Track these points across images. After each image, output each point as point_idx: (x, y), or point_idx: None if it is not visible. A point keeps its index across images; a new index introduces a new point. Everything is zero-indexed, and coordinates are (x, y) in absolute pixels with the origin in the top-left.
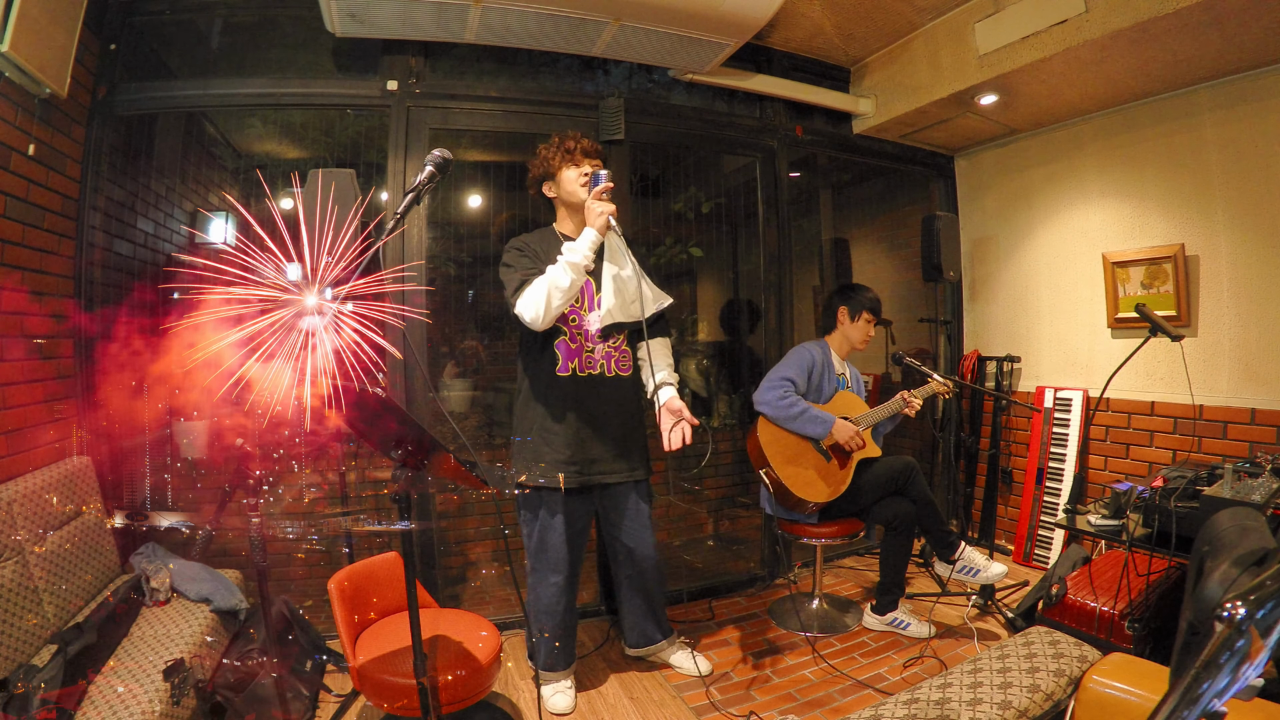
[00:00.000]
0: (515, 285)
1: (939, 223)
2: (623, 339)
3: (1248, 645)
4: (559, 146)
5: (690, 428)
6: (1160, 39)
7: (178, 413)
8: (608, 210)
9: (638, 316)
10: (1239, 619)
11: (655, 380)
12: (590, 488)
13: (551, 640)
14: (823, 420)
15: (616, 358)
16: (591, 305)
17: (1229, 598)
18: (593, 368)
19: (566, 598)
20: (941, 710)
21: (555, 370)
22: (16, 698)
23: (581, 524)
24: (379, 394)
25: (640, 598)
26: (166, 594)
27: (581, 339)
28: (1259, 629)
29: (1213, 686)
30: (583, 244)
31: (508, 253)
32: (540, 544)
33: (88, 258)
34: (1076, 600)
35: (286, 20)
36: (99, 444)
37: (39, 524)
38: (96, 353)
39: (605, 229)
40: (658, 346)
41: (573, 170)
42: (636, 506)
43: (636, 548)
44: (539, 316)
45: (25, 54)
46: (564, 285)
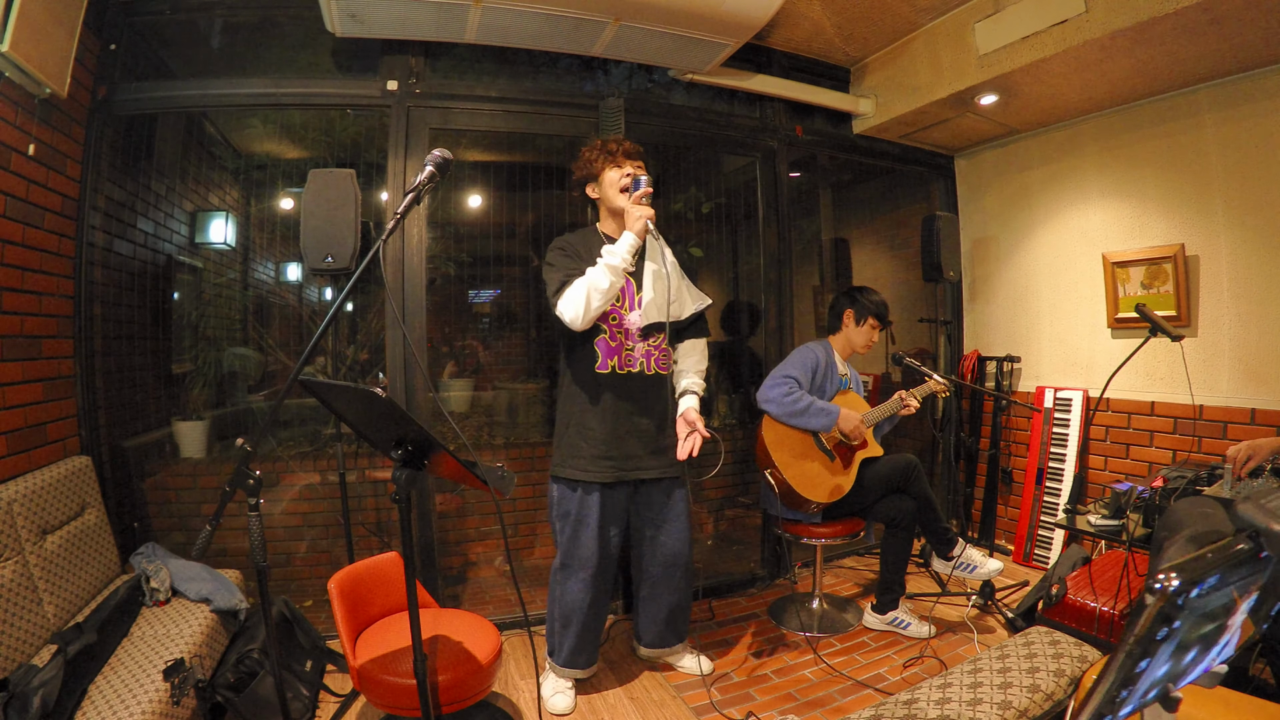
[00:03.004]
0: (557, 285)
1: (939, 223)
2: (663, 338)
3: (1186, 626)
4: (601, 149)
5: (701, 440)
6: (1160, 39)
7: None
8: (646, 214)
9: (677, 316)
10: (1171, 590)
11: (681, 385)
12: (626, 483)
13: (575, 637)
14: (828, 412)
15: (657, 356)
16: (632, 305)
17: (1163, 568)
18: (632, 366)
19: (593, 593)
20: (941, 710)
21: (595, 367)
22: (16, 697)
23: (615, 520)
24: (379, 393)
25: (666, 597)
26: (166, 594)
27: (621, 337)
28: (1200, 607)
29: (1153, 666)
30: (621, 247)
31: (551, 252)
32: (573, 538)
33: (88, 258)
34: (1076, 600)
35: (286, 20)
36: (99, 444)
37: (39, 524)
38: (96, 352)
39: (644, 233)
40: (694, 347)
41: (615, 171)
42: (675, 503)
43: (669, 543)
44: (579, 316)
45: (25, 54)
46: (603, 287)
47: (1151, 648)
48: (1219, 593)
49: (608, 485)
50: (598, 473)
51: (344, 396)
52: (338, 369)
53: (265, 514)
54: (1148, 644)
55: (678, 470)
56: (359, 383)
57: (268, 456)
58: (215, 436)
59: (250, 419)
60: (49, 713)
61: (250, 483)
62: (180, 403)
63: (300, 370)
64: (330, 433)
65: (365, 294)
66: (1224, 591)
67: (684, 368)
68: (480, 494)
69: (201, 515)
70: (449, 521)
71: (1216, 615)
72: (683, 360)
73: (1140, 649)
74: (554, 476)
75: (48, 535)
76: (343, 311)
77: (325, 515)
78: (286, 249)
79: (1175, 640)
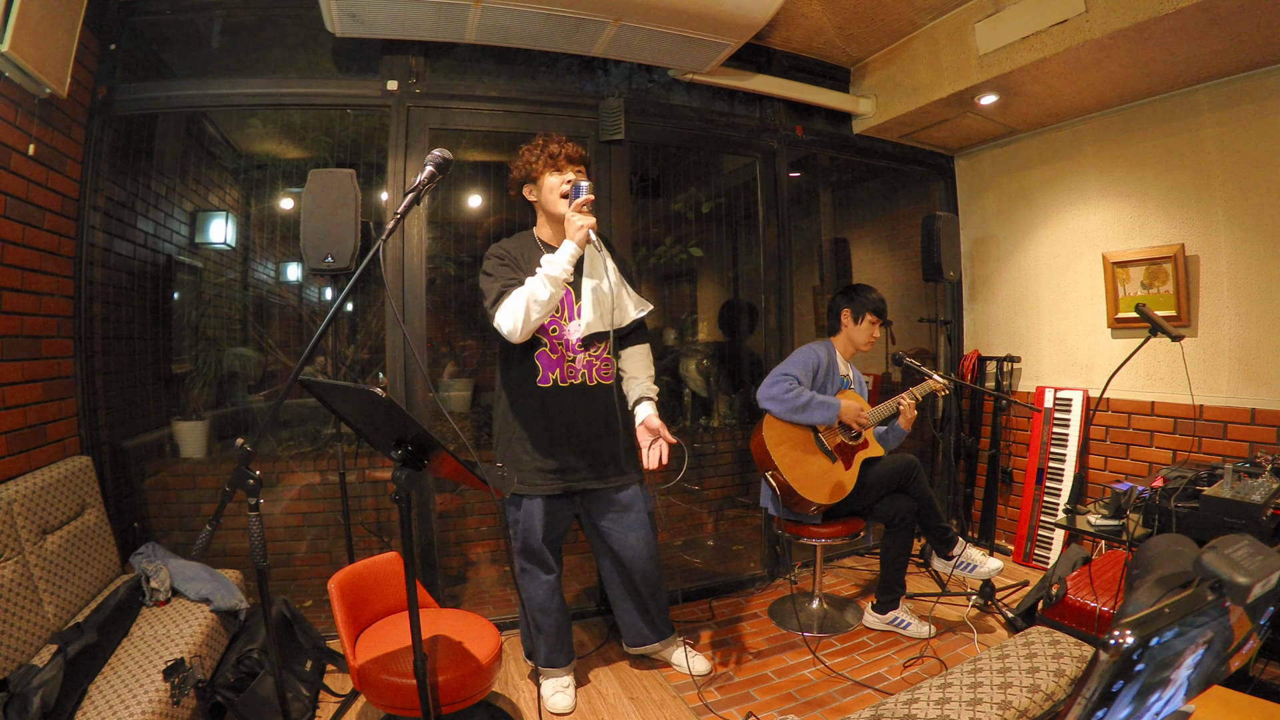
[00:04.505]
0: (495, 296)
1: (939, 223)
2: (604, 347)
3: (1147, 673)
4: (542, 149)
5: (668, 446)
6: (1160, 39)
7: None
8: (588, 224)
9: (620, 324)
10: (1125, 647)
11: (635, 393)
12: (572, 494)
13: (549, 637)
14: (829, 405)
15: (599, 366)
16: (572, 315)
17: (1121, 624)
18: (574, 377)
19: (559, 597)
20: (941, 710)
21: (536, 381)
22: (16, 697)
23: (561, 528)
24: (379, 393)
25: (631, 598)
26: (166, 594)
27: (562, 349)
28: (1157, 658)
29: (1111, 716)
30: (561, 258)
31: (487, 261)
32: (525, 547)
33: (88, 258)
34: (1077, 600)
35: (286, 20)
36: (99, 444)
37: (39, 524)
38: (96, 352)
39: (584, 242)
40: (638, 353)
41: (555, 177)
42: (623, 509)
43: (622, 550)
44: (517, 328)
45: (25, 54)
46: (543, 299)
47: (1107, 699)
48: (1177, 642)
49: (551, 497)
50: (543, 485)
51: (344, 396)
52: (338, 369)
53: (265, 514)
54: (1103, 696)
55: (624, 480)
56: (359, 383)
57: (268, 456)
58: (215, 436)
59: (250, 419)
60: (49, 713)
61: (250, 483)
62: (180, 403)
63: (300, 370)
64: (330, 433)
65: (365, 294)
66: (1187, 638)
67: (633, 374)
68: (480, 494)
69: (201, 515)
70: (449, 521)
71: (1170, 663)
72: (630, 367)
73: (1095, 702)
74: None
75: (48, 535)
76: (343, 311)
77: (325, 515)
78: (286, 249)
79: (1136, 686)
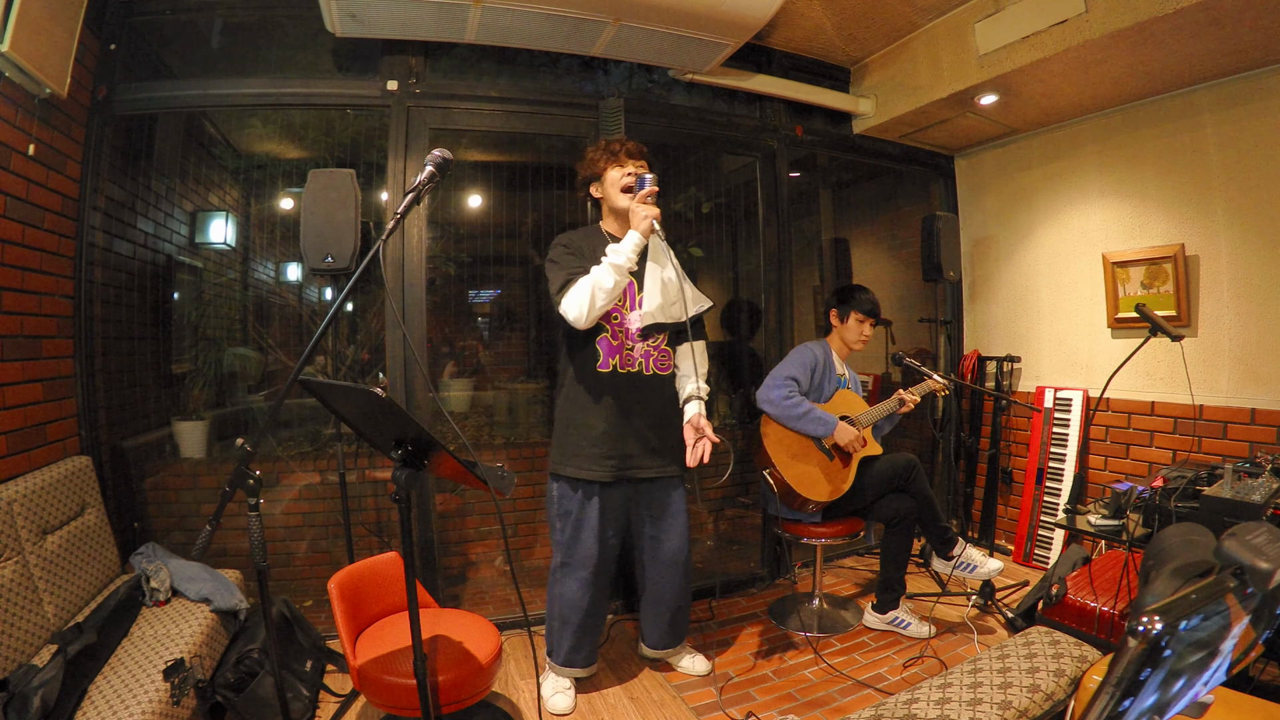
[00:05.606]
0: (560, 283)
1: (939, 223)
2: (663, 339)
3: (1173, 660)
4: (604, 148)
5: (711, 445)
6: (1160, 39)
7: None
8: (652, 214)
9: (678, 318)
10: (1154, 634)
11: (686, 391)
12: (625, 481)
13: (573, 636)
14: (826, 421)
15: (656, 357)
16: (634, 305)
17: (1147, 610)
18: (631, 365)
19: (592, 593)
20: (941, 710)
21: (596, 366)
22: (16, 697)
23: (614, 520)
24: (379, 393)
25: (669, 599)
26: (166, 594)
27: (623, 336)
28: (1186, 644)
29: (1137, 705)
30: (626, 246)
31: (554, 249)
32: (573, 537)
33: (88, 258)
34: (1077, 600)
35: (286, 20)
36: (99, 444)
37: (39, 524)
38: (96, 352)
39: (649, 232)
40: (693, 350)
41: (617, 171)
42: (674, 502)
43: (669, 542)
44: (582, 315)
45: (25, 54)
46: (607, 286)
47: (1134, 688)
48: (1208, 622)
49: (607, 484)
50: (599, 471)
51: (344, 396)
52: (338, 369)
53: (265, 514)
54: (1131, 685)
55: (677, 470)
56: (359, 383)
57: (268, 456)
58: (215, 436)
59: (250, 419)
60: (49, 713)
61: (250, 483)
62: (180, 403)
63: (300, 370)
64: (330, 433)
65: (365, 294)
66: (1214, 620)
67: (685, 372)
68: (480, 494)
69: (201, 515)
70: (449, 521)
71: (1207, 643)
72: (683, 364)
73: (1123, 690)
74: (554, 474)
75: (48, 535)
76: (343, 311)
77: (325, 515)
78: (286, 249)
79: (1162, 673)
